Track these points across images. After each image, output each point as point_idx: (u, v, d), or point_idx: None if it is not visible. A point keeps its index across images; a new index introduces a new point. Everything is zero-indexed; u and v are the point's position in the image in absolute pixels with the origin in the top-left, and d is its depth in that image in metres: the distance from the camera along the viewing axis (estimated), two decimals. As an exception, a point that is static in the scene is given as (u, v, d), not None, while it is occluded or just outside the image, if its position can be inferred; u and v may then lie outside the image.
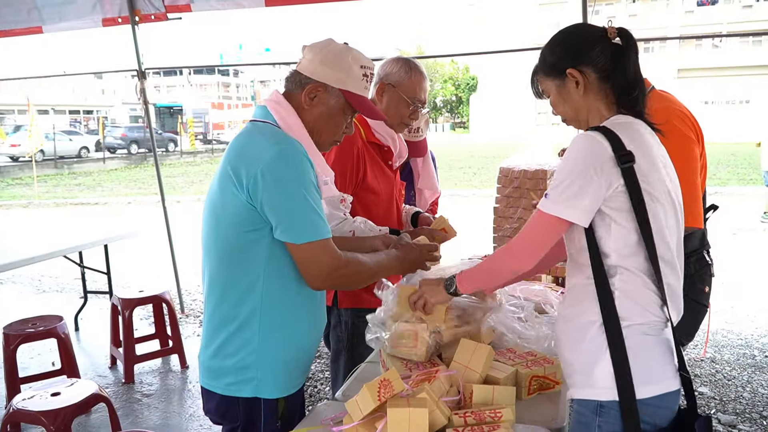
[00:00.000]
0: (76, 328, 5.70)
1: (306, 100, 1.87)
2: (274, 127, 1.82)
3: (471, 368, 1.84)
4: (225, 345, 1.80)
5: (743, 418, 3.71)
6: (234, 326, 1.78)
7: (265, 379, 1.79)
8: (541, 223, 1.59)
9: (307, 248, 1.71)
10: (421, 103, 2.67)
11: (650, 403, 1.52)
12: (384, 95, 2.63)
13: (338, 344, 2.68)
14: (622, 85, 1.61)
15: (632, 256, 1.54)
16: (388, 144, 2.68)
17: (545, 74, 1.71)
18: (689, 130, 2.48)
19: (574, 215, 1.53)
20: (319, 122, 1.91)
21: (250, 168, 1.68)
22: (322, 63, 1.87)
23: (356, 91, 1.91)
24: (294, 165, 1.70)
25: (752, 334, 5.18)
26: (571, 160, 1.55)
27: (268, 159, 1.67)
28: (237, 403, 1.81)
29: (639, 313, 1.54)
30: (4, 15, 5.73)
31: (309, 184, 1.73)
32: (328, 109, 1.90)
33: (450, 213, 2.86)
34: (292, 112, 1.87)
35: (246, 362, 1.78)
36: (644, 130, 1.61)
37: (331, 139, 1.97)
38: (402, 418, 1.50)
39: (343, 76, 1.88)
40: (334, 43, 1.92)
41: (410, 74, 2.61)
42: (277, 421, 1.84)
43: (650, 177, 1.53)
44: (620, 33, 1.60)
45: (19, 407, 2.80)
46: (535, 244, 1.62)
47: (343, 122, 1.95)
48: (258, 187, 1.67)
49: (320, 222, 1.73)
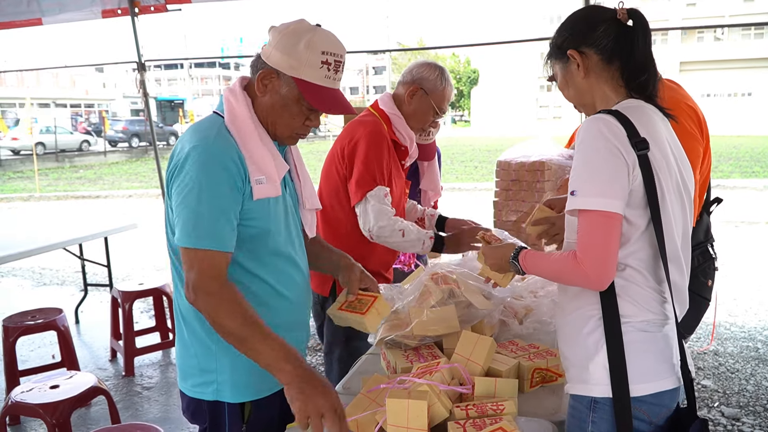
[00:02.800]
0: (77, 321, 5.69)
1: (259, 86, 1.70)
2: (214, 118, 1.71)
3: (473, 360, 1.82)
4: (187, 346, 1.74)
5: (747, 411, 3.69)
6: (191, 327, 1.72)
7: (225, 383, 1.71)
8: (590, 224, 1.42)
9: (186, 253, 1.55)
10: (443, 114, 2.71)
11: (646, 401, 1.48)
12: (414, 97, 2.64)
13: (333, 337, 2.64)
14: (630, 68, 1.54)
15: (636, 253, 1.48)
16: (406, 144, 2.68)
17: (554, 56, 1.66)
18: (695, 126, 2.43)
19: (615, 205, 1.40)
20: (271, 112, 1.72)
21: (170, 166, 1.64)
22: (276, 47, 1.67)
23: (312, 80, 1.67)
24: (204, 166, 1.56)
25: (755, 327, 5.16)
26: (589, 145, 1.44)
27: (182, 157, 1.60)
28: (202, 405, 1.74)
29: (639, 310, 1.48)
30: (4, 6, 5.68)
31: (218, 187, 1.56)
32: (280, 98, 1.69)
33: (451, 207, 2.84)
34: (243, 101, 1.71)
35: (206, 364, 1.71)
36: (655, 116, 1.54)
37: (289, 132, 1.76)
38: (400, 409, 1.49)
39: (296, 63, 1.65)
40: (296, 25, 1.70)
41: (444, 85, 2.64)
42: (243, 425, 1.75)
43: (662, 167, 1.47)
44: (631, 14, 1.54)
45: (17, 400, 2.78)
46: (597, 251, 1.41)
47: (300, 114, 1.72)
48: (170, 185, 1.62)
49: (213, 231, 1.54)
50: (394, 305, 2.11)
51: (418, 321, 1.99)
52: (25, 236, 5.13)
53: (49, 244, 4.83)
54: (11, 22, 5.88)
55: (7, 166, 23.08)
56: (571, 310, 1.58)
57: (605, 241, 1.41)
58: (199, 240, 1.54)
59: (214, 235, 1.54)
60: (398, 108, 2.66)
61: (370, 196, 2.44)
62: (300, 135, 1.79)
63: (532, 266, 1.62)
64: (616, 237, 1.42)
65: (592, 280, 1.43)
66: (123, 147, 32.16)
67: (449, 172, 17.91)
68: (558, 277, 1.56)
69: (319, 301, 2.66)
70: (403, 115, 2.65)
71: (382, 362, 2.11)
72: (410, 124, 2.66)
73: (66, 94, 49.88)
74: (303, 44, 1.65)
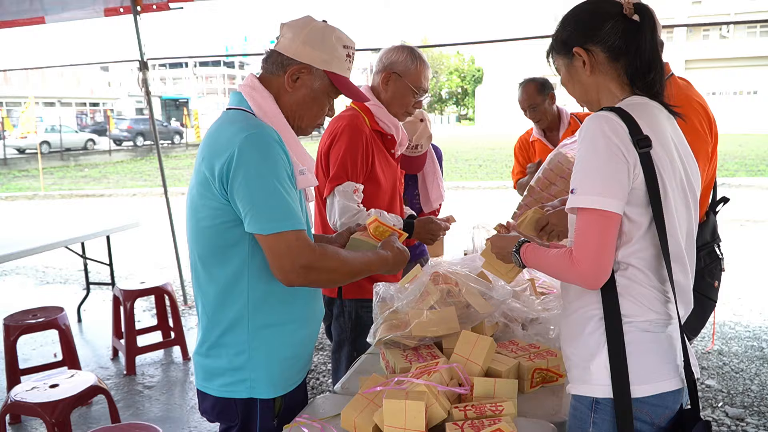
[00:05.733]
0: (79, 320, 5.69)
1: (289, 82, 1.77)
2: (245, 113, 1.72)
3: (472, 361, 1.80)
4: (216, 346, 1.74)
5: (751, 411, 3.65)
6: (222, 327, 1.72)
7: (259, 380, 1.73)
8: (587, 223, 1.41)
9: (274, 239, 1.59)
10: (425, 92, 2.66)
11: (647, 402, 1.46)
12: (389, 84, 2.61)
13: (341, 335, 2.66)
14: (637, 65, 1.51)
15: (639, 252, 1.46)
16: (392, 132, 2.66)
17: (557, 51, 1.62)
18: (706, 125, 2.40)
19: (614, 204, 1.38)
20: (302, 106, 1.80)
21: (221, 159, 1.59)
22: (304, 43, 1.75)
23: (340, 72, 1.81)
24: (263, 151, 1.60)
25: (760, 326, 5.12)
26: (590, 142, 1.42)
27: (237, 147, 1.58)
28: (233, 404, 1.75)
29: (641, 310, 1.46)
30: (6, 5, 5.69)
31: (280, 172, 1.61)
32: (312, 91, 1.79)
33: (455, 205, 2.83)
34: (268, 96, 1.76)
35: (238, 363, 1.72)
36: (660, 114, 1.51)
37: (314, 123, 1.86)
38: (398, 410, 1.48)
39: (328, 57, 1.77)
40: (315, 21, 1.81)
41: (416, 63, 2.60)
42: (274, 419, 1.78)
43: (665, 166, 1.44)
44: (637, 9, 1.50)
45: (17, 399, 2.77)
46: (592, 249, 1.40)
47: (326, 105, 1.85)
48: (229, 177, 1.58)
49: (291, 212, 1.60)
50: (394, 305, 2.09)
51: (418, 322, 1.97)
52: (27, 235, 5.13)
53: (52, 242, 4.83)
54: (14, 20, 5.89)
55: (12, 165, 23.13)
56: (573, 310, 1.57)
57: (601, 240, 1.40)
58: (286, 222, 1.59)
59: (294, 215, 1.61)
60: (377, 98, 2.64)
61: (337, 191, 2.45)
62: (320, 126, 1.93)
63: (532, 260, 1.63)
64: (612, 236, 1.41)
65: (586, 279, 1.43)
66: (128, 146, 32.19)
67: (453, 171, 17.87)
68: (555, 274, 1.56)
69: (327, 302, 2.65)
70: (382, 103, 2.63)
71: (382, 362, 2.10)
72: (392, 111, 2.64)
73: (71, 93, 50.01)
74: (334, 39, 1.78)
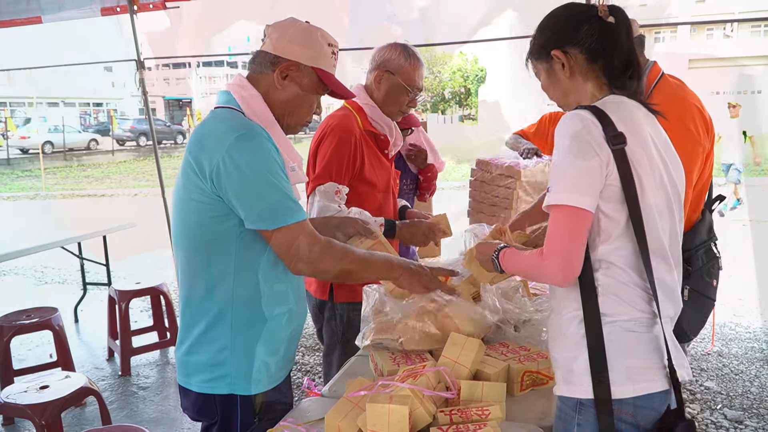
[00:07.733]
0: (76, 320, 5.68)
1: (278, 80, 1.80)
2: (234, 112, 1.74)
3: (460, 363, 1.77)
4: (198, 342, 1.75)
5: (750, 413, 3.61)
6: (205, 323, 1.73)
7: (239, 376, 1.74)
8: (557, 219, 1.42)
9: (282, 233, 1.63)
10: (419, 90, 2.62)
11: (632, 403, 1.44)
12: (383, 82, 2.57)
13: (332, 338, 2.63)
14: (614, 65, 1.52)
15: (619, 250, 1.44)
16: (385, 133, 2.63)
17: (536, 56, 1.63)
18: (701, 126, 2.38)
19: (585, 201, 1.39)
20: (291, 103, 1.83)
21: (212, 157, 1.61)
22: (291, 41, 1.80)
23: (327, 68, 1.85)
24: (255, 149, 1.62)
25: (760, 328, 5.08)
26: (563, 141, 1.43)
27: (228, 146, 1.60)
28: (213, 400, 1.76)
29: (625, 308, 1.45)
30: (3, 5, 5.68)
31: (275, 167, 1.64)
32: (301, 88, 1.82)
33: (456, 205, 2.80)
34: (257, 95, 1.79)
35: (219, 359, 1.73)
36: (638, 112, 1.51)
37: (303, 121, 1.89)
38: (381, 414, 1.45)
39: (316, 54, 1.82)
40: (299, 22, 1.86)
41: (409, 61, 2.56)
42: (255, 416, 1.79)
43: (642, 163, 1.44)
44: (612, 11, 1.52)
45: (7, 400, 2.76)
46: (561, 245, 1.41)
47: (314, 102, 1.89)
48: (221, 176, 1.60)
49: (292, 204, 1.65)
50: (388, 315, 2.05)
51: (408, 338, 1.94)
52: (25, 235, 5.12)
53: (48, 242, 4.82)
54: (11, 20, 5.88)
55: (15, 165, 23.18)
56: (558, 311, 1.56)
57: (570, 236, 1.40)
58: (288, 216, 1.63)
59: (295, 206, 1.65)
60: (371, 97, 2.60)
61: (318, 191, 2.42)
62: (308, 123, 1.92)
63: (509, 264, 1.63)
64: (581, 233, 1.41)
65: (554, 274, 1.43)
66: (131, 146, 32.24)
67: (456, 170, 17.82)
68: (529, 274, 1.57)
69: (318, 304, 2.64)
70: (376, 103, 2.59)
71: (370, 364, 2.07)
72: (386, 111, 2.60)
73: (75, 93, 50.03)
74: (319, 37, 1.82)
